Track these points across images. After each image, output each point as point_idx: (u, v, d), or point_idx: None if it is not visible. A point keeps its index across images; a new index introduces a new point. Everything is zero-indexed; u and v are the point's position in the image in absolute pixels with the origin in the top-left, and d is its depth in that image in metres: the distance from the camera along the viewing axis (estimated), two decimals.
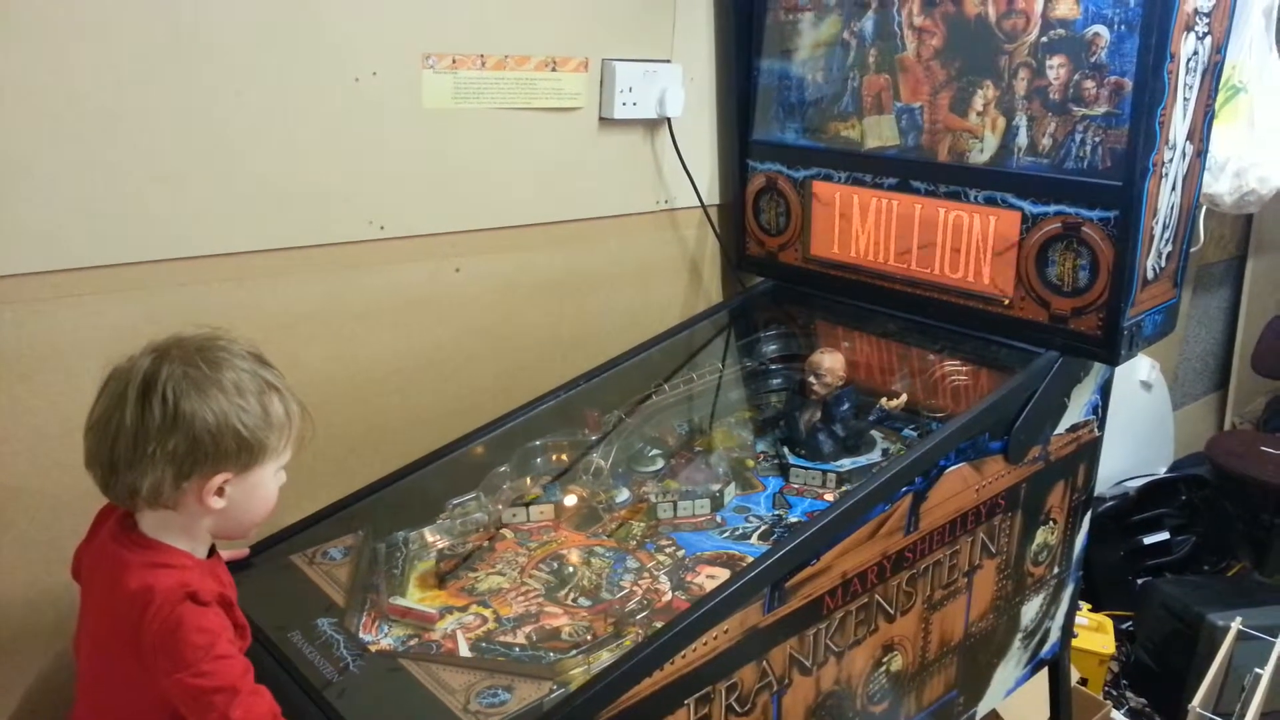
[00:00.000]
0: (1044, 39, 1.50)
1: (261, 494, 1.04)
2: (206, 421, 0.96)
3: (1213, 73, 1.52)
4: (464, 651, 1.19)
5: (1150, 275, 1.53)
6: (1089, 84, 1.46)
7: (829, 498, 1.53)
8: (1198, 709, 1.90)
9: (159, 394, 0.95)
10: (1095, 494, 1.77)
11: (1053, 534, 1.66)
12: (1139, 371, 3.03)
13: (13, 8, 1.18)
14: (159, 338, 1.01)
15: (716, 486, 1.53)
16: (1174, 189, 1.51)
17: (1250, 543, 3.02)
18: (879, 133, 1.73)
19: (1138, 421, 3.06)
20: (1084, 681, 2.25)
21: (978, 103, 1.59)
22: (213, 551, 1.08)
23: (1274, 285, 3.85)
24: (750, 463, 1.65)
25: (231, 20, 1.34)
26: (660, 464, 1.64)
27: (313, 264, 1.50)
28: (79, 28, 1.23)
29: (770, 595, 1.18)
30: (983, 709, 1.66)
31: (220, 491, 1.00)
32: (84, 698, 1.08)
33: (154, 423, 0.95)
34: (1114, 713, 2.33)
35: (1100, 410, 1.67)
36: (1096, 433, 1.68)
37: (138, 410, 0.95)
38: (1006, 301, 1.60)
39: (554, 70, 1.69)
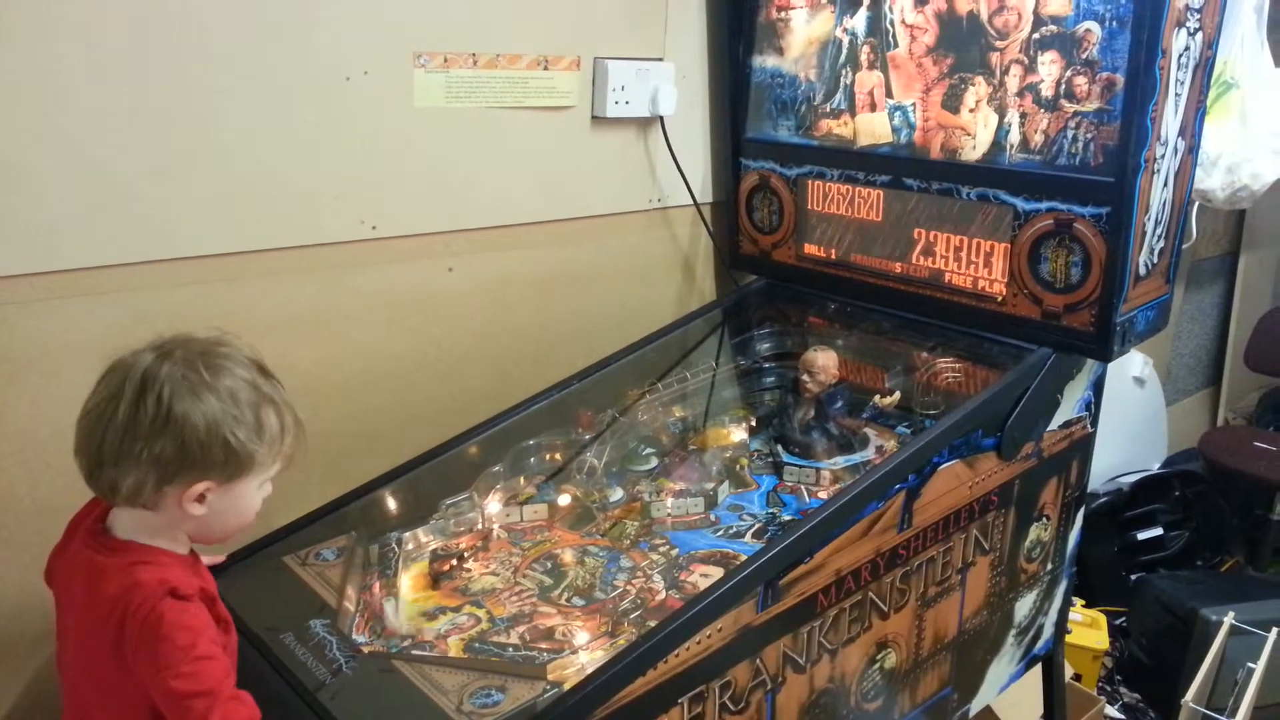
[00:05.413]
0: (1035, 35, 1.50)
1: (242, 505, 1.03)
2: (196, 428, 0.95)
3: (1204, 68, 1.52)
4: (457, 652, 1.19)
5: (1143, 271, 1.53)
6: (1081, 80, 1.46)
7: (822, 495, 1.53)
8: (1191, 704, 1.91)
9: (154, 393, 0.94)
10: (1088, 490, 1.78)
11: (1046, 530, 1.66)
12: (1132, 367, 3.03)
13: (0, 7, 1.17)
14: (167, 334, 1.00)
15: (710, 485, 1.53)
16: (1166, 185, 1.51)
17: (1243, 538, 3.03)
18: (871, 130, 1.73)
19: (1131, 417, 3.07)
20: (1078, 677, 2.26)
21: (970, 100, 1.59)
22: (190, 551, 1.07)
23: (1267, 281, 3.86)
24: (744, 461, 1.64)
25: (222, 19, 1.33)
26: (654, 463, 1.64)
27: (305, 264, 1.49)
28: (68, 27, 1.22)
29: (764, 593, 1.17)
30: (976, 705, 1.67)
31: (201, 499, 0.99)
32: (71, 711, 1.07)
33: (145, 422, 0.94)
34: (1108, 708, 2.34)
35: (1093, 406, 1.67)
36: (1089, 429, 1.68)
37: (131, 407, 0.94)
38: (999, 298, 1.60)
39: (546, 69, 1.68)
